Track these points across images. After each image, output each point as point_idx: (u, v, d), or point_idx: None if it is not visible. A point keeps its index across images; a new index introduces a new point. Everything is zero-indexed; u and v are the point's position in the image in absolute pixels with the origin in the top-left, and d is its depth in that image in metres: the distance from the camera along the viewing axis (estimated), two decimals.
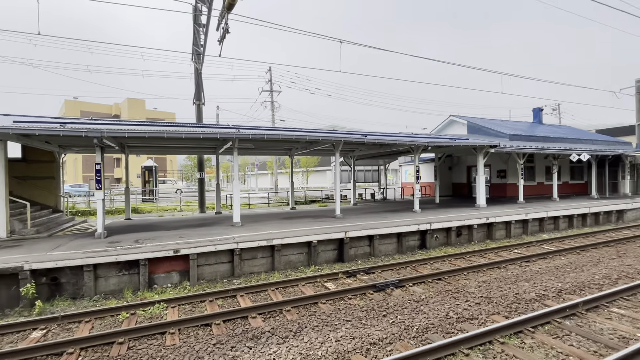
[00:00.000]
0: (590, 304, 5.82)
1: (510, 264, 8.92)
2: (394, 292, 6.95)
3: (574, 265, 8.46)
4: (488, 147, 14.65)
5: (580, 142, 22.83)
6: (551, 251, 9.89)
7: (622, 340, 4.69)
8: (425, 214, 13.13)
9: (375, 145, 15.12)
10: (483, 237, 12.20)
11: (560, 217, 13.94)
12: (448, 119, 24.14)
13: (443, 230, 11.33)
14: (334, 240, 9.57)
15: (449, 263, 9.29)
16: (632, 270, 7.92)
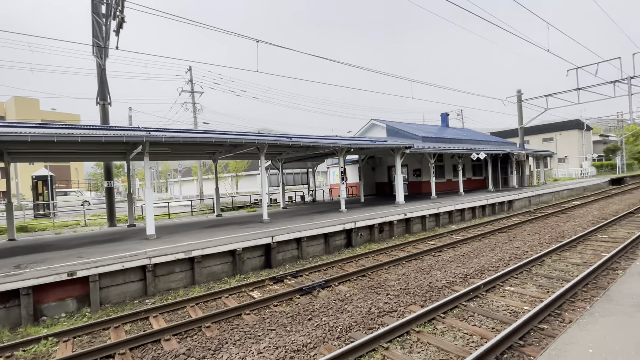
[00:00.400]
0: (489, 285, 6.58)
1: (426, 255, 9.70)
2: (320, 293, 6.96)
3: (476, 252, 9.56)
4: (404, 148, 15.85)
5: (479, 142, 26.23)
6: (459, 240, 11.05)
7: (513, 314, 5.37)
8: (351, 214, 13.60)
9: (301, 148, 15.21)
10: (402, 231, 13.11)
11: (466, 209, 15.74)
12: (369, 123, 25.56)
13: (367, 227, 11.85)
14: (261, 247, 9.26)
15: (372, 259, 9.71)
16: (520, 251, 9.26)
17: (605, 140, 55.13)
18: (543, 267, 7.77)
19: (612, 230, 11.53)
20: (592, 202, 19.51)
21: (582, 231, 11.55)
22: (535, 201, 20.49)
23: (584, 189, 26.70)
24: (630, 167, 47.05)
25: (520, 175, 26.66)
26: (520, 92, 26.82)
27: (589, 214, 15.22)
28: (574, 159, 43.41)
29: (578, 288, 6.11)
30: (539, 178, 28.80)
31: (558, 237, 10.92)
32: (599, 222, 12.97)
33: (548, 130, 46.35)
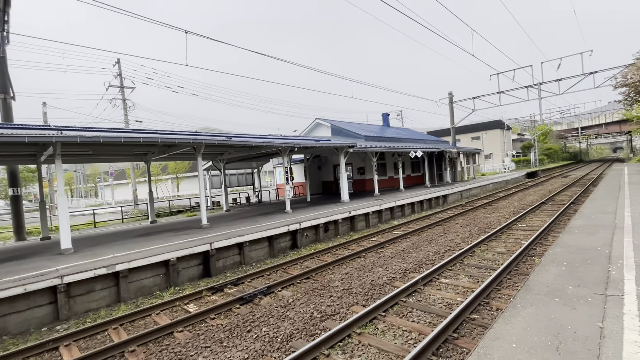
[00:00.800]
0: (426, 279, 6.84)
1: (369, 252, 9.87)
2: (262, 301, 6.64)
3: (415, 246, 9.97)
4: (347, 147, 16.08)
5: (416, 141, 27.79)
6: (399, 235, 11.46)
7: (448, 306, 5.61)
8: (297, 214, 13.41)
9: (244, 148, 14.60)
10: (347, 229, 13.27)
11: (406, 205, 16.49)
12: (314, 122, 25.63)
13: (312, 228, 11.74)
14: (198, 255, 8.61)
15: (317, 259, 9.62)
16: (453, 243, 9.87)
17: (522, 138, 62.44)
18: (473, 258, 8.33)
19: (529, 219, 12.89)
20: (512, 194, 21.78)
21: (505, 221, 12.73)
22: (466, 195, 22.28)
23: (506, 182, 29.77)
24: (542, 162, 53.90)
25: (453, 171, 28.85)
26: (451, 94, 28.98)
27: (511, 205, 16.92)
28: (498, 155, 48.45)
29: (503, 276, 6.61)
30: (469, 173, 31.46)
31: (486, 228, 11.89)
32: (518, 212, 14.44)
33: (475, 129, 51.07)
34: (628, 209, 9.10)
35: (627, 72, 18.25)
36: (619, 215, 8.40)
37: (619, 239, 6.25)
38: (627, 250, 5.44)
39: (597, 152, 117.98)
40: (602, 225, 7.57)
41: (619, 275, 4.30)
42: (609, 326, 2.98)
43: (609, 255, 5.26)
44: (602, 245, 5.96)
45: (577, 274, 4.56)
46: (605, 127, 65.57)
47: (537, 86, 24.16)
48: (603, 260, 5.06)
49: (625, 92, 19.94)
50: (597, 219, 8.35)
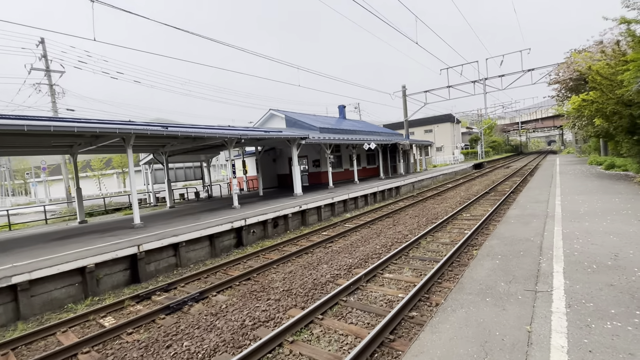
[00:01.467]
0: (370, 275, 6.60)
1: (317, 247, 9.52)
2: (192, 308, 5.97)
3: (364, 239, 9.79)
4: (299, 139, 15.57)
5: (372, 134, 28.03)
6: (350, 229, 11.25)
7: (388, 304, 5.37)
8: (245, 209, 12.69)
9: (186, 139, 13.52)
10: (298, 224, 12.83)
11: (359, 197, 16.42)
12: (268, 113, 24.75)
13: (260, 224, 11.14)
14: (124, 259, 7.66)
15: (262, 257, 9.08)
16: (401, 235, 9.83)
17: (470, 132, 66.24)
18: (419, 249, 8.29)
19: (474, 208, 13.36)
20: (460, 185, 22.76)
21: (451, 211, 13.07)
22: (418, 186, 22.88)
23: (455, 174, 31.20)
24: (488, 154, 57.61)
25: (406, 163, 29.59)
26: (404, 87, 29.54)
27: (458, 195, 17.56)
28: (448, 147, 50.90)
29: (444, 269, 6.55)
30: (422, 165, 32.53)
31: (433, 218, 12.08)
32: (464, 202, 14.96)
33: (428, 123, 53.14)
34: (559, 197, 9.63)
35: (559, 70, 19.69)
36: (551, 204, 8.83)
37: (550, 228, 6.45)
38: (557, 240, 5.57)
39: (534, 144, 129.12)
40: (535, 215, 7.86)
41: (548, 267, 4.29)
42: (537, 329, 2.83)
43: (540, 246, 5.34)
44: (535, 235, 6.09)
45: (510, 269, 4.51)
46: (541, 122, 71.64)
47: (482, 81, 25.33)
48: (535, 252, 5.11)
49: (557, 88, 21.61)
50: (532, 209, 8.71)
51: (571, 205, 8.53)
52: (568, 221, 6.83)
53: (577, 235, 5.86)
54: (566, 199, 9.44)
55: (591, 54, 14.68)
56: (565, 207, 8.32)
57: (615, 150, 21.59)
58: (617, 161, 16.78)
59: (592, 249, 5.06)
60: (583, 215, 7.35)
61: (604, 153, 23.76)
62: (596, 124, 15.18)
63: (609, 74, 12.00)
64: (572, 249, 5.06)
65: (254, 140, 15.59)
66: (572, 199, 9.36)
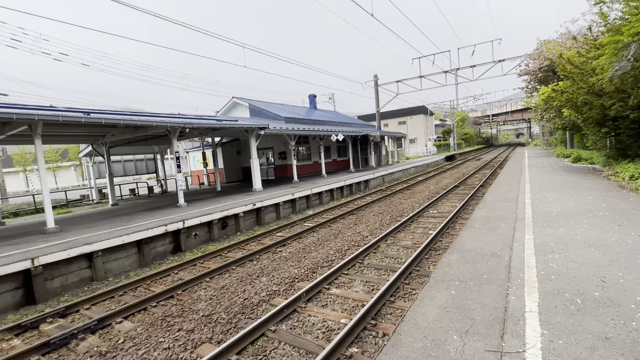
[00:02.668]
0: (313, 291, 5.52)
1: (265, 252, 8.36)
2: (82, 343, 4.67)
3: (319, 242, 8.72)
4: (258, 129, 14.22)
5: (342, 125, 26.97)
6: (308, 229, 10.15)
7: (326, 334, 4.30)
8: (192, 208, 11.29)
9: (129, 128, 11.88)
10: (252, 223, 11.59)
11: (323, 192, 15.35)
12: (231, 101, 23.08)
13: (204, 225, 9.81)
14: (14, 275, 6.16)
15: (199, 267, 7.81)
16: (360, 237, 8.82)
17: (443, 124, 66.84)
18: (377, 255, 7.31)
19: (441, 204, 12.62)
20: (431, 177, 22.22)
21: (418, 207, 12.26)
22: (388, 179, 22.13)
23: (427, 166, 30.83)
24: (460, 146, 58.29)
25: (378, 156, 28.84)
26: (376, 77, 28.59)
27: (427, 189, 16.87)
28: (421, 139, 50.87)
29: (401, 281, 5.58)
30: (394, 157, 31.93)
31: (398, 216, 11.20)
32: (433, 197, 14.24)
33: (402, 114, 52.81)
34: (528, 195, 8.94)
35: (529, 58, 19.33)
36: (521, 203, 8.08)
37: (520, 236, 5.58)
38: (528, 255, 4.68)
39: (504, 137, 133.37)
40: (503, 217, 7.02)
41: (519, 303, 3.34)
42: None
43: (508, 265, 4.42)
44: (503, 247, 5.18)
45: (468, 306, 3.50)
46: (510, 115, 73.49)
47: (454, 71, 24.77)
48: (502, 274, 4.16)
49: (527, 79, 21.41)
50: (500, 209, 7.91)
51: (542, 205, 7.82)
52: (540, 226, 6.02)
53: (552, 247, 5.02)
54: (536, 196, 8.76)
55: (561, 42, 14.20)
56: (536, 206, 7.58)
57: (581, 143, 21.74)
58: (583, 154, 16.63)
59: (572, 268, 4.16)
60: (556, 217, 6.59)
61: (570, 146, 23.97)
62: (564, 114, 14.82)
63: (580, 63, 11.44)
64: (548, 270, 4.15)
65: (208, 130, 14.07)
66: (542, 197, 8.70)
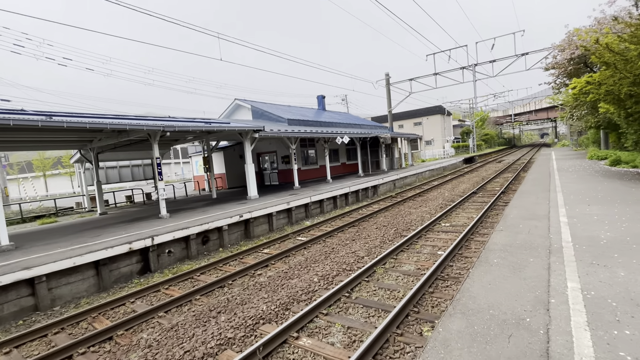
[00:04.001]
0: (276, 341, 4.22)
1: (243, 275, 7.13)
2: None
3: (306, 264, 7.40)
4: (252, 132, 13.08)
5: (352, 126, 25.59)
6: (299, 244, 8.86)
7: None
8: (173, 220, 10.25)
9: (113, 133, 11.06)
10: (239, 237, 10.40)
11: (325, 200, 14.01)
12: (234, 104, 22.17)
13: (180, 241, 8.69)
14: None
15: (163, 293, 6.67)
16: (354, 258, 7.43)
17: (462, 124, 64.06)
18: (369, 285, 5.92)
19: (455, 215, 11.05)
20: (447, 182, 20.46)
21: (429, 218, 10.76)
22: (400, 184, 20.54)
23: (443, 169, 28.92)
24: (480, 147, 55.52)
25: (390, 158, 27.23)
26: (388, 75, 27.05)
27: (441, 196, 15.23)
28: (438, 141, 48.62)
29: (392, 330, 4.19)
30: (407, 160, 30.19)
31: (404, 229, 9.73)
32: (447, 206, 12.66)
33: (417, 115, 50.73)
34: (563, 209, 7.26)
35: (557, 49, 17.33)
36: (554, 223, 6.40)
37: (558, 283, 3.91)
38: (577, 327, 2.98)
39: (527, 137, 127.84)
40: (532, 246, 5.34)
41: None
42: None
43: (545, 351, 2.82)
44: (533, 306, 3.47)
45: None
46: (535, 114, 69.71)
47: (472, 67, 22.93)
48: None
49: (555, 73, 19.35)
50: (526, 231, 6.24)
51: (584, 226, 6.01)
52: (588, 264, 4.33)
53: (613, 308, 3.27)
54: (574, 212, 7.04)
55: (595, 29, 12.33)
56: (577, 229, 5.85)
57: (618, 143, 19.47)
58: (622, 156, 14.55)
59: None
60: (609, 248, 4.81)
61: (605, 146, 21.61)
62: (600, 111, 12.89)
63: (621, 50, 9.65)
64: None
65: (202, 133, 13.06)
66: (582, 213, 6.91)
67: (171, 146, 17.23)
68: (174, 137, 15.06)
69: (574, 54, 15.03)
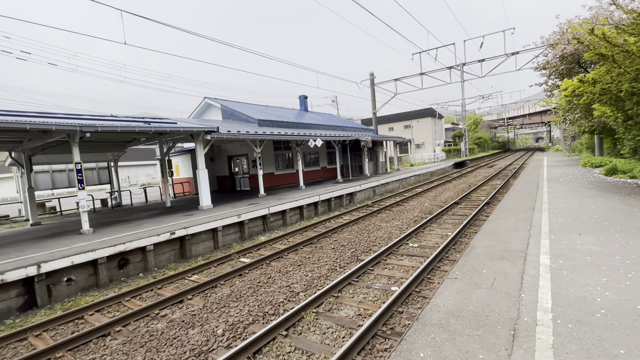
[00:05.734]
0: None
1: (144, 316, 5.59)
2: None
3: (226, 300, 5.86)
4: (204, 133, 11.53)
5: (333, 128, 24.11)
6: (235, 270, 7.33)
7: None
8: (96, 236, 8.67)
9: (38, 134, 9.46)
10: (173, 257, 8.82)
11: (288, 211, 12.47)
12: (203, 102, 20.61)
13: (87, 265, 7.11)
14: None
15: (28, 343, 5.09)
16: (286, 295, 5.88)
17: (455, 127, 62.85)
18: (284, 343, 4.39)
19: (429, 231, 9.57)
20: (431, 189, 19.03)
21: (398, 235, 9.29)
22: (380, 191, 19.06)
23: (431, 174, 27.51)
24: (472, 151, 54.28)
25: (374, 163, 25.78)
26: (372, 75, 25.63)
27: (420, 206, 13.76)
28: (429, 144, 47.28)
29: None
30: (393, 164, 28.76)
31: (364, 250, 8.23)
32: (423, 219, 11.20)
33: (408, 118, 49.36)
34: (546, 240, 5.68)
35: (549, 42, 15.93)
36: (531, 269, 4.62)
37: None
38: None
39: (522, 141, 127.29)
40: (489, 320, 3.41)
41: None
42: None
43: None
44: None
45: None
46: (528, 118, 68.77)
47: (459, 67, 21.56)
48: None
49: (546, 74, 18.02)
50: (489, 284, 4.28)
51: (573, 276, 4.24)
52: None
53: None
54: (560, 245, 5.44)
55: (589, 20, 10.98)
56: (562, 282, 4.10)
57: (613, 149, 18.17)
58: (619, 164, 13.18)
59: None
60: (609, 330, 3.04)
61: (599, 152, 20.30)
62: (595, 114, 11.51)
63: (620, 44, 8.24)
64: None
65: (154, 134, 11.47)
66: (571, 248, 5.27)
67: (125, 147, 15.62)
68: (123, 138, 13.47)
69: (565, 51, 13.63)
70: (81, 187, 8.85)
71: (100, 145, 14.95)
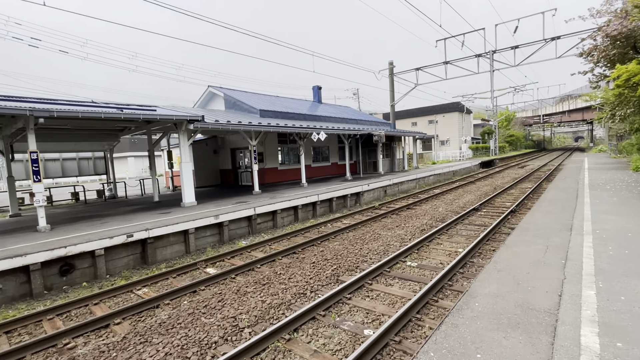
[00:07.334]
0: None
1: (49, 346, 4.44)
2: None
3: (167, 325, 4.62)
4: (186, 122, 10.38)
5: (346, 121, 22.49)
6: (192, 284, 6.11)
7: None
8: (51, 235, 7.73)
9: (13, 119, 8.68)
10: (133, 262, 7.72)
11: (279, 212, 11.13)
12: (207, 92, 19.61)
13: (18, 272, 6.10)
14: None
15: None
16: (226, 331, 4.53)
17: (485, 123, 58.90)
18: None
19: (435, 245, 7.90)
20: (450, 191, 17.06)
21: (396, 249, 7.71)
22: (392, 191, 17.31)
23: (454, 174, 25.25)
24: (503, 150, 50.55)
25: (390, 159, 23.91)
26: (392, 64, 23.64)
27: (433, 211, 11.99)
28: (455, 141, 44.27)
29: None
30: (412, 162, 26.70)
31: (350, 268, 6.73)
32: (431, 228, 9.50)
33: (432, 112, 46.43)
34: (592, 290, 3.49)
35: (596, 34, 13.45)
36: (563, 352, 2.86)
37: None
38: None
39: (559, 140, 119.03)
40: None
41: None
42: None
43: None
44: None
45: None
46: (568, 115, 63.34)
47: (489, 55, 19.19)
48: None
49: (593, 59, 15.34)
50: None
51: None
52: None
53: None
54: (616, 305, 3.35)
55: None
56: (614, 344, 2.53)
57: None
58: None
59: None
60: None
61: None
62: None
63: None
64: None
65: (142, 123, 10.49)
66: (633, 310, 3.21)
67: (117, 137, 14.86)
68: (109, 126, 12.63)
69: (621, 28, 11.12)
70: (37, 179, 7.91)
71: (91, 135, 14.27)
